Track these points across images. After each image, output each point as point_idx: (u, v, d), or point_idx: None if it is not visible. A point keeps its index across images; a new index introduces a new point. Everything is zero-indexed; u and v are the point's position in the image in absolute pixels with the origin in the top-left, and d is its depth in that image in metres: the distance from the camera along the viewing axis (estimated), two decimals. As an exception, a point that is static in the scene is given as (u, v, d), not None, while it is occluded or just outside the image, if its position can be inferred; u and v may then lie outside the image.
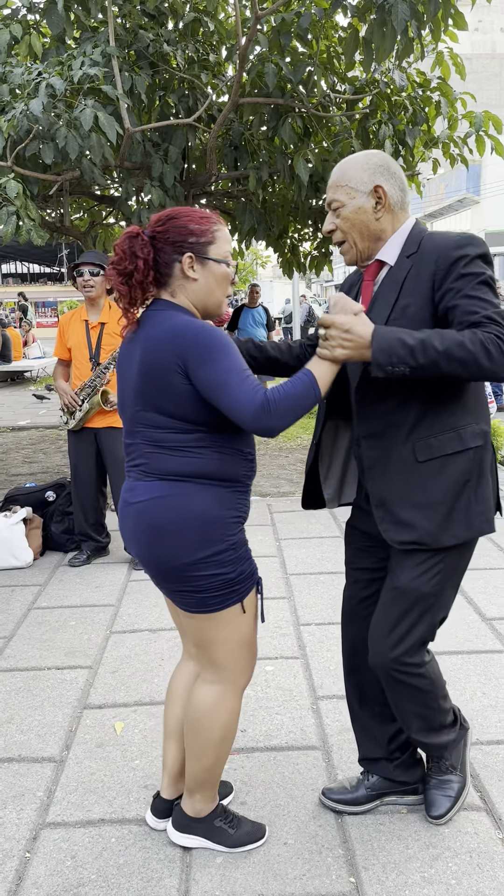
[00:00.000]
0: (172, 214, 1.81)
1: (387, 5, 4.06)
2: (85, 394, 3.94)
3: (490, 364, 1.61)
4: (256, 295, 9.41)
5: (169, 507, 1.76)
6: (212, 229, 1.81)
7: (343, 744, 2.44)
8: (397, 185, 1.85)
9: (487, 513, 1.83)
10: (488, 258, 1.75)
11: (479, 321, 1.65)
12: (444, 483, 1.79)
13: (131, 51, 5.25)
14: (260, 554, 4.28)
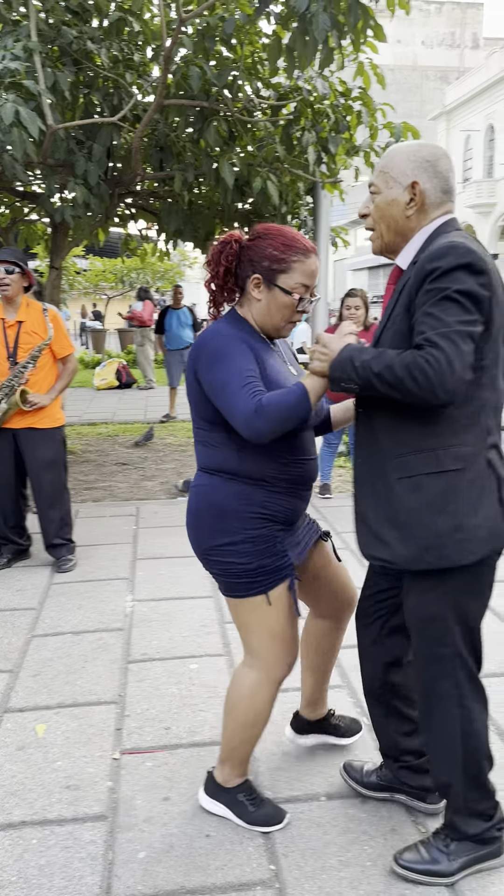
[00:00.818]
0: (264, 232, 1.90)
1: (308, 15, 4.15)
2: (2, 394, 3.85)
3: (418, 390, 1.57)
4: (180, 296, 9.42)
5: (200, 495, 1.96)
6: (290, 259, 1.87)
7: (266, 736, 2.48)
8: (439, 186, 1.77)
9: (467, 543, 1.69)
10: (466, 269, 1.61)
11: (421, 343, 1.60)
12: (418, 504, 1.70)
13: (54, 47, 5.19)
14: (186, 554, 4.29)
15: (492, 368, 1.70)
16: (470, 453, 1.69)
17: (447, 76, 44.73)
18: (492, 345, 1.68)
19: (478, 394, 1.68)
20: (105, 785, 2.27)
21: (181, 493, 5.69)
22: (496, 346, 1.69)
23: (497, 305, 1.66)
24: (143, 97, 5.73)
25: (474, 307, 1.61)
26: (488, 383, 1.70)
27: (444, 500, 1.68)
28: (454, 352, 1.55)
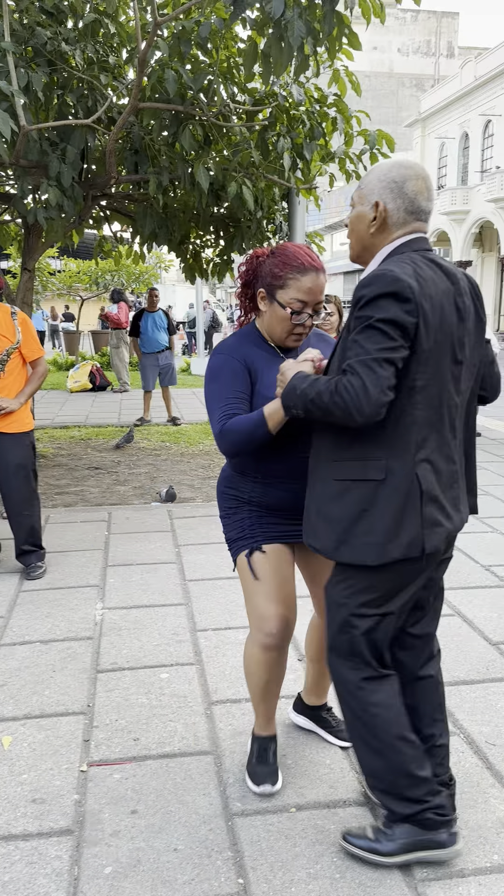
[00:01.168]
0: (275, 251, 2.10)
1: (283, 21, 4.15)
2: None
3: (341, 414, 1.71)
4: (155, 299, 9.37)
5: (219, 480, 2.33)
6: (286, 276, 2.05)
7: (235, 747, 2.47)
8: (403, 206, 1.86)
9: (375, 546, 1.81)
10: (390, 297, 1.70)
11: (345, 369, 1.73)
12: (344, 505, 1.84)
13: (28, 47, 5.13)
14: (158, 560, 4.27)
15: (429, 388, 1.79)
16: (393, 466, 1.80)
17: (422, 84, 45.20)
18: (425, 366, 1.77)
19: (410, 411, 1.78)
20: (71, 798, 2.24)
21: (164, 501, 5.59)
22: (432, 367, 1.78)
23: (428, 329, 1.75)
24: (118, 99, 5.69)
25: (397, 334, 1.71)
26: (422, 402, 1.79)
27: (364, 504, 1.82)
28: (370, 378, 1.68)
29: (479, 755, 2.44)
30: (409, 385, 1.76)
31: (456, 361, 1.84)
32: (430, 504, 1.82)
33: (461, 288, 1.86)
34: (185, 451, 7.76)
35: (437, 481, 1.84)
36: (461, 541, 4.60)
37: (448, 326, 1.80)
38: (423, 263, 1.81)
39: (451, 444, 1.88)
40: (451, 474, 1.89)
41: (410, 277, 1.73)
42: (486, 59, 28.57)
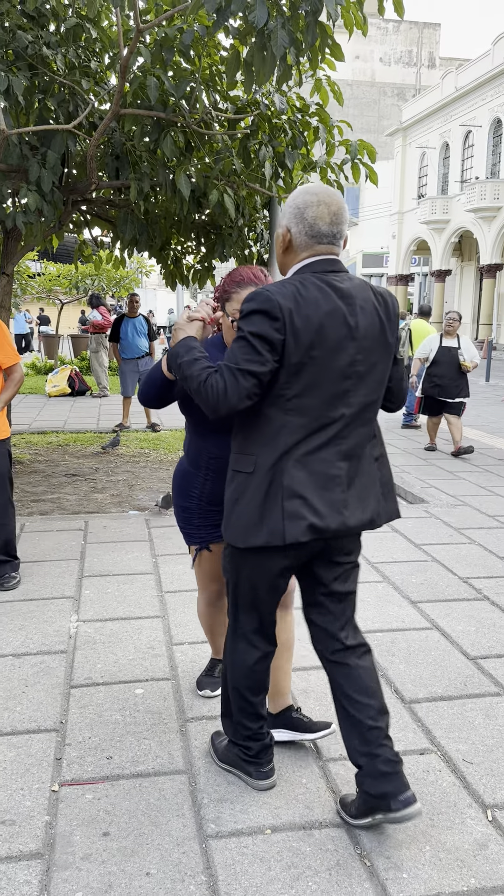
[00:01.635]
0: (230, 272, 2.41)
1: (266, 31, 4.14)
2: None
3: (203, 404, 2.00)
4: (136, 304, 9.32)
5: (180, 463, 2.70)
6: (231, 290, 2.36)
7: (210, 766, 2.43)
8: (304, 231, 2.04)
9: (242, 531, 2.07)
10: (261, 314, 1.94)
11: (216, 368, 2.00)
12: (230, 492, 2.13)
13: (9, 50, 5.08)
14: (135, 571, 4.22)
15: (302, 397, 2.01)
16: (261, 463, 2.04)
17: (404, 93, 45.56)
18: (297, 378, 1.99)
19: (281, 416, 2.02)
20: (42, 819, 2.19)
21: (162, 508, 5.44)
22: (305, 378, 1.99)
23: (298, 345, 1.95)
24: (99, 105, 5.65)
25: (265, 348, 1.93)
26: (295, 409, 2.01)
27: (239, 493, 2.08)
28: (232, 385, 1.93)
29: (457, 774, 2.42)
30: (279, 393, 2.00)
31: (344, 376, 2.02)
32: (292, 499, 2.02)
33: (355, 308, 2.01)
34: (164, 458, 7.71)
35: (306, 481, 2.03)
36: (438, 553, 4.60)
37: (330, 343, 1.98)
38: (313, 285, 1.98)
39: (332, 451, 2.05)
40: (330, 478, 2.05)
41: (286, 298, 1.94)
42: (467, 70, 28.87)
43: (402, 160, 34.94)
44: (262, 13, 4.05)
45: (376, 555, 4.55)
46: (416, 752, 2.54)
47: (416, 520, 5.35)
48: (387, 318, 2.09)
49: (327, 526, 2.04)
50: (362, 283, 2.08)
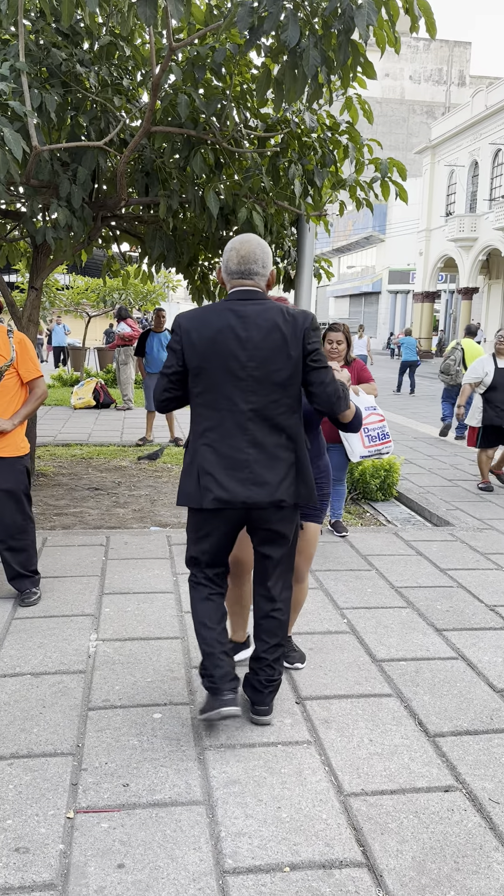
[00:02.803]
0: None
1: (298, 50, 4.13)
2: None
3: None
4: (162, 319, 9.35)
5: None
6: None
7: (228, 798, 2.37)
8: (226, 269, 2.68)
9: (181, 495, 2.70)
10: (172, 331, 2.67)
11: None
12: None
13: (43, 68, 5.13)
14: (155, 590, 4.18)
15: (205, 395, 2.62)
16: (190, 443, 2.71)
17: (433, 111, 45.61)
18: (197, 379, 2.62)
19: (196, 409, 2.68)
20: (56, 848, 2.14)
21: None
22: (204, 380, 2.60)
23: (194, 354, 2.59)
24: (130, 122, 5.68)
25: (173, 356, 2.65)
26: (202, 404, 2.64)
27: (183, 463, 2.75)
28: (158, 384, 2.73)
29: (482, 814, 2.34)
30: (192, 391, 2.67)
31: (237, 378, 2.57)
32: (204, 475, 2.62)
33: (249, 325, 2.56)
34: (186, 473, 7.68)
35: (214, 461, 2.61)
36: (464, 578, 4.51)
37: (221, 353, 2.56)
38: (216, 309, 2.61)
39: (236, 439, 2.60)
40: (237, 461, 2.60)
41: (188, 319, 2.63)
42: (498, 88, 28.81)
43: (430, 177, 34.89)
44: (294, 32, 4.04)
45: (400, 579, 4.47)
46: (440, 788, 2.46)
47: (442, 543, 5.25)
48: (292, 334, 2.58)
49: (232, 499, 2.59)
50: (269, 307, 2.60)
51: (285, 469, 2.64)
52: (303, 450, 2.70)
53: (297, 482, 2.68)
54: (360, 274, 45.19)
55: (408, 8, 4.09)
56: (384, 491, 6.71)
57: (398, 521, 6.08)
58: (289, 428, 2.65)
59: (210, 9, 4.94)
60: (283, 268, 7.06)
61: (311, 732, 2.76)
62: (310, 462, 2.79)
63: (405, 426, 11.90)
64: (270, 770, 2.53)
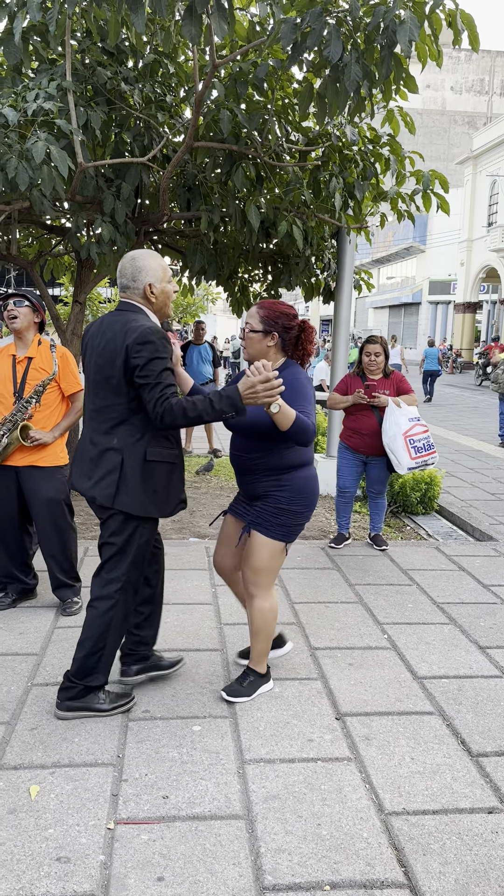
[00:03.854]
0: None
1: (340, 65, 4.15)
2: (5, 428, 3.80)
3: None
4: (202, 332, 9.42)
5: None
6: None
7: (268, 813, 2.36)
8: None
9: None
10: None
11: None
12: None
13: (88, 86, 5.24)
14: (194, 601, 4.19)
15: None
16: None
17: (475, 121, 45.26)
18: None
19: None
20: (97, 859, 2.16)
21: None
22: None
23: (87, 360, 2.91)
24: (173, 137, 5.76)
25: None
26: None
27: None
28: None
29: (528, 838, 2.29)
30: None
31: (88, 380, 2.88)
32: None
33: (104, 332, 2.79)
34: (224, 484, 7.71)
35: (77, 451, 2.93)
36: (508, 594, 4.43)
37: (85, 357, 2.90)
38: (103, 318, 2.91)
39: (84, 434, 2.88)
40: (80, 453, 2.90)
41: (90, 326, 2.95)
42: (541, 98, 28.44)
43: (471, 188, 34.58)
44: (336, 48, 4.06)
45: (441, 594, 4.41)
46: (483, 810, 2.41)
47: (485, 558, 5.17)
48: (122, 345, 2.69)
49: (73, 484, 2.92)
50: (118, 319, 2.78)
51: (106, 470, 2.78)
52: (132, 458, 2.76)
53: (119, 487, 2.76)
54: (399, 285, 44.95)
55: (451, 21, 4.08)
56: (425, 504, 6.64)
57: (439, 536, 6.01)
58: (118, 433, 2.78)
59: (252, 25, 4.99)
60: (324, 280, 7.06)
61: (352, 749, 2.74)
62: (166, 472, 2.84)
63: (446, 438, 11.77)
64: (310, 786, 2.51)
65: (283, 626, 3.84)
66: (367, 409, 5.19)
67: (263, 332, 2.95)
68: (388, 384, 5.23)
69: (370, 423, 5.16)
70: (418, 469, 5.13)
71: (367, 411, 5.19)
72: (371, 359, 5.20)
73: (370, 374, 5.25)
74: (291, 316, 2.97)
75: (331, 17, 4.12)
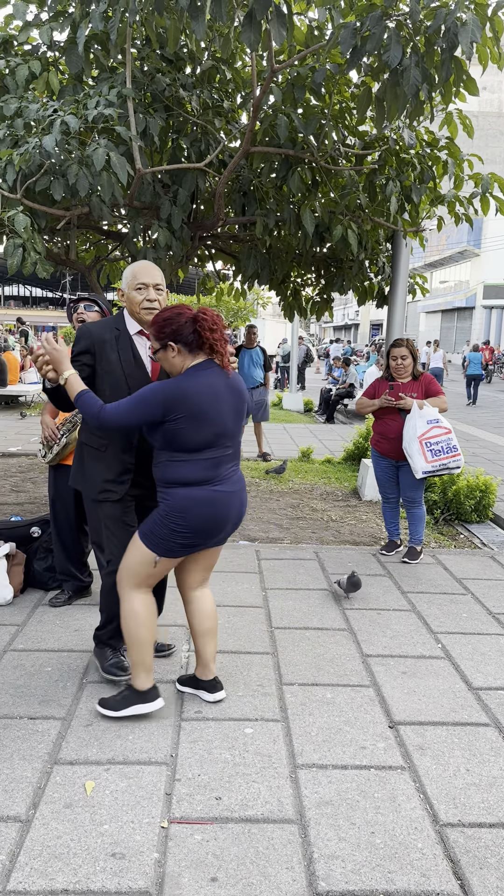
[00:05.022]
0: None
1: (400, 68, 4.12)
2: (66, 429, 3.87)
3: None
4: (254, 336, 9.44)
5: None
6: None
7: (321, 819, 2.35)
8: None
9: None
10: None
11: None
12: None
13: (147, 93, 5.32)
14: (244, 604, 4.20)
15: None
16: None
17: (532, 123, 44.37)
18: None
19: None
20: (151, 856, 2.18)
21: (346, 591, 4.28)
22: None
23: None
24: (229, 143, 5.80)
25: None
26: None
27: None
28: None
29: None
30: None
31: None
32: None
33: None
34: (273, 488, 7.71)
35: None
36: None
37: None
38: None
39: None
40: None
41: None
42: None
43: (527, 190, 33.93)
44: (396, 51, 4.04)
45: (497, 605, 4.33)
46: (542, 826, 2.36)
47: (540, 568, 5.06)
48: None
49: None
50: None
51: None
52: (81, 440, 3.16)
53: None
54: (452, 289, 44.35)
55: (514, 22, 4.01)
56: (479, 512, 6.53)
57: (494, 545, 5.90)
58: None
59: (310, 29, 5.00)
60: (377, 283, 7.02)
61: (405, 758, 2.71)
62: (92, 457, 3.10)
63: (501, 445, 11.55)
64: (363, 794, 2.49)
65: (334, 632, 3.83)
66: (394, 413, 5.11)
67: (162, 348, 2.77)
68: (417, 386, 5.13)
69: (397, 426, 5.07)
70: (439, 473, 4.95)
71: (394, 415, 5.11)
72: (398, 362, 5.13)
73: (398, 377, 5.18)
74: (175, 315, 2.74)
75: (391, 21, 4.10)
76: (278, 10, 4.08)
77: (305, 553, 5.26)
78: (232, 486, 2.87)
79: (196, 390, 2.71)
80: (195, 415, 2.71)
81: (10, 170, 4.36)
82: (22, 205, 4.52)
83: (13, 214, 4.35)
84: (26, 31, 4.83)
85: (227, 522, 2.88)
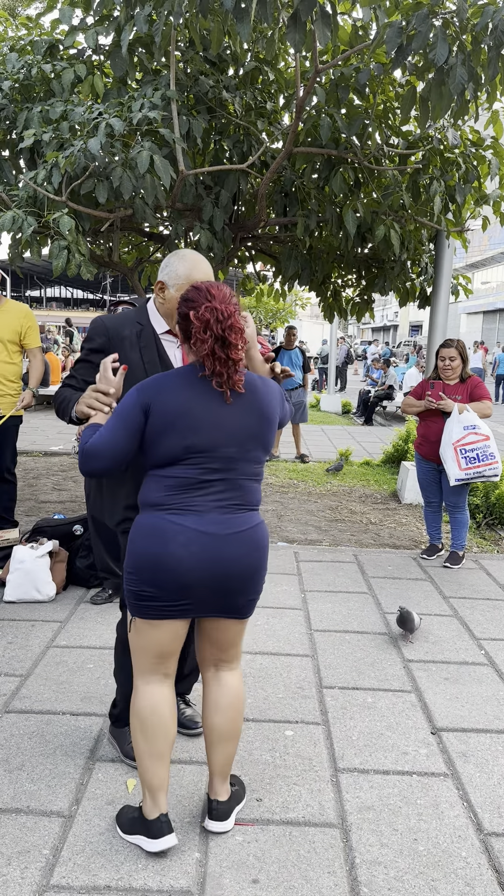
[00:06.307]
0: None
1: (446, 67, 4.08)
2: None
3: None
4: (293, 337, 9.43)
5: (265, 529, 2.19)
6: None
7: (362, 824, 2.33)
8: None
9: None
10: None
11: None
12: None
13: (190, 95, 5.35)
14: (284, 605, 4.19)
15: None
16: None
17: None
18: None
19: None
20: (193, 856, 2.18)
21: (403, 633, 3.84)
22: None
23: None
24: (271, 144, 5.80)
25: None
26: None
27: None
28: None
29: None
30: None
31: None
32: None
33: None
34: (312, 489, 7.68)
35: None
36: None
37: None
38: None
39: None
40: None
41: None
42: None
43: None
44: (443, 50, 4.00)
45: (540, 610, 4.25)
46: None
47: None
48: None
49: None
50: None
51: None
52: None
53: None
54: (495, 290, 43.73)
55: None
56: (521, 517, 6.42)
57: (536, 549, 5.79)
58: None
59: (355, 29, 4.97)
60: (419, 284, 6.95)
61: (448, 765, 2.67)
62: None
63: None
64: (406, 800, 2.46)
65: (374, 636, 3.80)
66: (437, 416, 5.03)
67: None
68: (462, 389, 5.04)
69: (438, 429, 4.99)
70: (475, 481, 4.86)
71: (436, 417, 5.04)
72: (446, 363, 5.04)
73: (446, 378, 5.09)
74: (195, 295, 2.07)
75: (437, 19, 4.06)
76: (323, 11, 4.07)
77: (345, 556, 5.23)
78: (209, 525, 2.04)
79: (175, 384, 2.05)
80: (162, 413, 2.02)
81: (55, 172, 4.42)
82: (67, 207, 4.58)
83: (58, 217, 4.41)
84: (72, 36, 4.89)
85: (185, 571, 2.02)
